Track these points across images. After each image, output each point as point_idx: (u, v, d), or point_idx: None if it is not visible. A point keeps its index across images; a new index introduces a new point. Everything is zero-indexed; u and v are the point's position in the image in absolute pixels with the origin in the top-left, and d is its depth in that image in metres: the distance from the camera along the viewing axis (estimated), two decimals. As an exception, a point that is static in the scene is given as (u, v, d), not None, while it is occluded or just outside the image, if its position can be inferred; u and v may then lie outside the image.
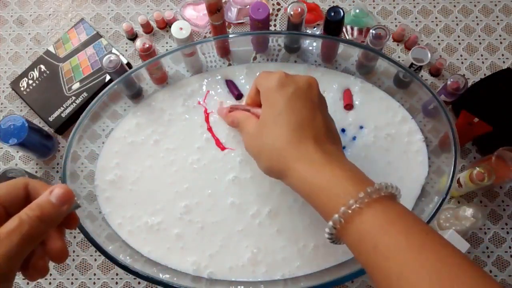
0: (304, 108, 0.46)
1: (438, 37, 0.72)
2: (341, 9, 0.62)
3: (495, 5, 0.73)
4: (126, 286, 0.64)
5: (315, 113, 0.47)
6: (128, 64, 0.71)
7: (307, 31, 0.73)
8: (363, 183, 0.40)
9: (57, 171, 0.68)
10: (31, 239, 0.27)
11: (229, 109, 0.59)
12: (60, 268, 0.65)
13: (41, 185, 0.31)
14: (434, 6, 0.73)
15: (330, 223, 0.39)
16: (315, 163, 0.43)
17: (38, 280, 0.64)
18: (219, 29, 0.66)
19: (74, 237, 0.66)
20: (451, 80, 0.62)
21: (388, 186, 0.40)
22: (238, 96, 0.65)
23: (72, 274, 0.64)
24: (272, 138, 0.46)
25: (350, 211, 0.38)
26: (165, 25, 0.74)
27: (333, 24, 0.63)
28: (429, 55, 0.62)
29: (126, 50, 0.74)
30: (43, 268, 0.31)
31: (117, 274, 0.64)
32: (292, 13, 0.62)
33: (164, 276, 0.57)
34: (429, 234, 0.36)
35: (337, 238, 0.41)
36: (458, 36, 0.72)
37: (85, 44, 0.71)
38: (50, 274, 0.64)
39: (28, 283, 0.65)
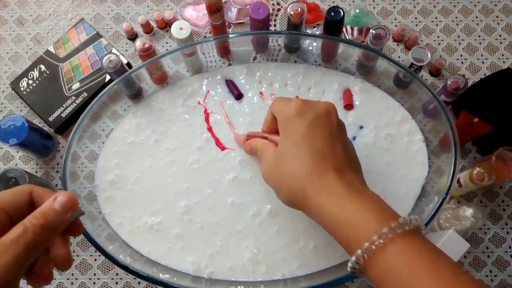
0: (324, 137, 0.45)
1: (438, 37, 0.72)
2: (341, 9, 0.62)
3: (495, 5, 0.73)
4: (126, 286, 0.64)
5: (335, 141, 0.45)
6: (128, 64, 0.71)
7: (307, 31, 0.73)
8: (387, 217, 0.39)
9: (57, 171, 0.68)
10: (35, 247, 0.27)
11: (247, 137, 0.57)
12: (60, 268, 0.65)
13: (45, 192, 0.31)
14: (434, 6, 0.73)
15: (353, 258, 0.38)
16: (337, 195, 0.41)
17: (38, 280, 0.64)
18: (219, 29, 0.66)
19: (74, 237, 0.66)
20: (451, 80, 0.62)
21: (412, 220, 0.38)
22: (238, 96, 0.65)
23: (72, 274, 0.64)
24: (291, 169, 0.44)
25: (373, 247, 0.36)
26: (165, 25, 0.74)
27: (333, 24, 0.63)
28: (429, 55, 0.62)
29: (126, 50, 0.74)
30: (47, 275, 0.31)
31: (117, 274, 0.64)
32: (292, 13, 0.62)
33: (164, 276, 0.57)
34: (457, 274, 0.34)
35: (360, 272, 0.39)
36: (458, 36, 0.72)
37: (85, 44, 0.71)
38: (50, 274, 0.64)
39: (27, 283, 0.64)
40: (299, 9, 0.62)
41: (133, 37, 0.73)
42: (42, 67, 0.70)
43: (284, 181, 0.45)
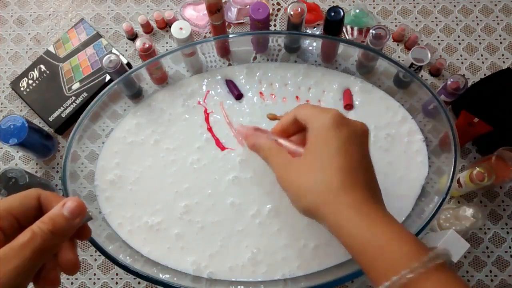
0: (358, 154, 0.43)
1: (438, 37, 0.72)
2: (341, 9, 0.62)
3: (495, 5, 0.73)
4: (126, 286, 0.64)
5: (367, 162, 0.44)
6: (128, 64, 0.71)
7: (307, 31, 0.73)
8: (417, 248, 0.37)
9: (57, 171, 0.68)
10: (43, 253, 0.28)
11: (252, 131, 0.53)
12: (60, 268, 0.65)
13: (54, 196, 0.31)
14: (434, 6, 0.73)
15: None
16: (366, 215, 0.40)
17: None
18: (219, 29, 0.66)
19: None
20: (451, 80, 0.62)
21: (442, 255, 0.36)
22: (238, 96, 0.65)
23: (72, 274, 0.64)
24: (321, 179, 0.42)
25: (404, 281, 0.35)
26: (165, 25, 0.74)
27: (333, 24, 0.63)
28: (429, 55, 0.62)
29: (126, 50, 0.74)
30: (54, 279, 0.31)
31: (117, 274, 0.64)
32: (292, 13, 0.62)
33: (164, 276, 0.57)
34: None
35: None
36: (458, 36, 0.72)
37: (85, 44, 0.71)
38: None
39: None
40: (299, 9, 0.62)
41: (133, 37, 0.73)
42: (42, 67, 0.70)
43: (308, 189, 0.43)
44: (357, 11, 0.69)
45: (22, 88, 0.70)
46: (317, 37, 0.67)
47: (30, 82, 0.70)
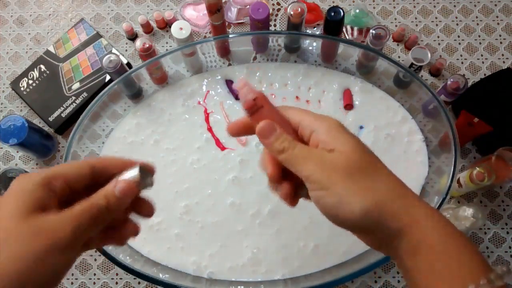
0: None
1: (438, 37, 0.72)
2: (341, 9, 0.62)
3: (495, 5, 0.73)
4: (126, 286, 0.64)
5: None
6: (128, 64, 0.71)
7: (307, 31, 0.73)
8: (480, 264, 0.31)
9: (57, 171, 0.68)
10: (98, 221, 0.30)
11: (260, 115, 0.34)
12: (60, 268, 0.65)
13: (108, 162, 0.33)
14: (434, 6, 0.73)
15: None
16: (442, 224, 0.32)
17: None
18: (219, 29, 0.66)
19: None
20: (451, 80, 0.62)
21: (506, 274, 0.31)
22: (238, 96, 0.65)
23: (72, 274, 0.64)
24: (385, 185, 0.33)
25: None
26: (165, 25, 0.74)
27: (333, 24, 0.63)
28: (429, 55, 0.62)
29: (126, 50, 0.74)
30: (134, 228, 0.35)
31: (117, 274, 0.64)
32: (292, 13, 0.62)
33: (164, 276, 0.57)
34: None
35: None
36: (458, 36, 0.72)
37: (85, 44, 0.71)
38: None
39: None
40: (299, 9, 0.62)
41: (133, 37, 0.73)
42: (42, 67, 0.70)
43: (377, 203, 0.32)
44: (357, 11, 0.69)
45: (22, 88, 0.70)
46: (317, 37, 0.67)
47: (30, 82, 0.70)
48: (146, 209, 0.37)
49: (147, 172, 0.35)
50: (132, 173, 0.33)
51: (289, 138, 0.33)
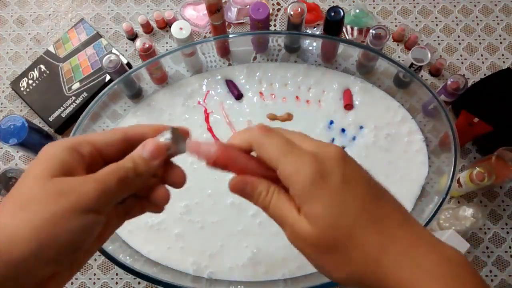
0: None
1: (438, 37, 0.72)
2: (341, 9, 0.62)
3: (495, 5, 0.73)
4: (126, 286, 0.64)
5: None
6: (128, 64, 0.71)
7: (307, 31, 0.73)
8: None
9: (57, 171, 0.68)
10: (126, 185, 0.29)
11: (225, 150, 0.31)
12: (60, 268, 0.65)
13: (141, 129, 0.32)
14: (434, 6, 0.73)
15: None
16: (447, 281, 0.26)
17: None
18: (219, 29, 0.66)
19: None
20: (451, 80, 0.62)
21: None
22: (238, 96, 0.65)
23: (72, 274, 0.64)
24: (362, 256, 0.28)
25: None
26: (165, 25, 0.74)
27: (333, 24, 0.63)
28: (429, 55, 0.62)
29: (126, 50, 0.73)
30: (164, 195, 0.32)
31: (117, 274, 0.64)
32: (292, 13, 0.62)
33: (164, 276, 0.57)
34: None
35: None
36: (458, 36, 0.72)
37: (85, 44, 0.71)
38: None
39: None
40: (299, 9, 0.62)
41: (133, 37, 0.73)
42: (42, 67, 0.70)
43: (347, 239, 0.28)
44: (357, 11, 0.69)
45: (22, 88, 0.70)
46: (317, 37, 0.67)
47: (30, 82, 0.70)
48: (176, 177, 0.34)
49: (180, 135, 0.32)
50: (163, 136, 0.31)
51: (262, 196, 0.31)
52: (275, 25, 0.74)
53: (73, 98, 0.69)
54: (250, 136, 0.31)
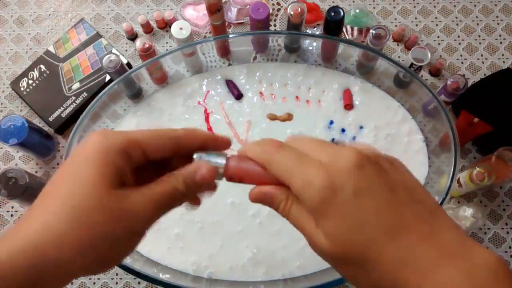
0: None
1: (438, 37, 0.72)
2: (341, 9, 0.62)
3: (495, 5, 0.73)
4: (126, 286, 0.64)
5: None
6: (128, 64, 0.71)
7: (307, 31, 0.73)
8: None
9: (57, 171, 0.68)
10: (172, 205, 0.30)
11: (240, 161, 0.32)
12: (60, 268, 0.65)
13: (192, 139, 0.31)
14: (434, 6, 0.73)
15: None
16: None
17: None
18: (219, 29, 0.66)
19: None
20: (451, 80, 0.62)
21: None
22: (238, 96, 0.65)
23: (72, 274, 0.64)
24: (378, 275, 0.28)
25: None
26: (165, 25, 0.74)
27: (333, 24, 0.63)
28: (429, 55, 0.62)
29: (126, 50, 0.74)
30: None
31: (117, 274, 0.64)
32: (292, 13, 0.62)
33: (164, 276, 0.57)
34: None
35: None
36: (458, 36, 0.72)
37: (85, 44, 0.71)
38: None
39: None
40: (299, 9, 0.62)
41: (133, 37, 0.73)
42: (42, 67, 0.70)
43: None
44: (357, 11, 0.69)
45: (22, 88, 0.70)
46: (317, 37, 0.67)
47: (30, 82, 0.70)
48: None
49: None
50: (218, 160, 0.30)
51: (282, 206, 0.31)
52: (275, 25, 0.74)
53: (73, 98, 0.69)
54: (261, 154, 0.30)
